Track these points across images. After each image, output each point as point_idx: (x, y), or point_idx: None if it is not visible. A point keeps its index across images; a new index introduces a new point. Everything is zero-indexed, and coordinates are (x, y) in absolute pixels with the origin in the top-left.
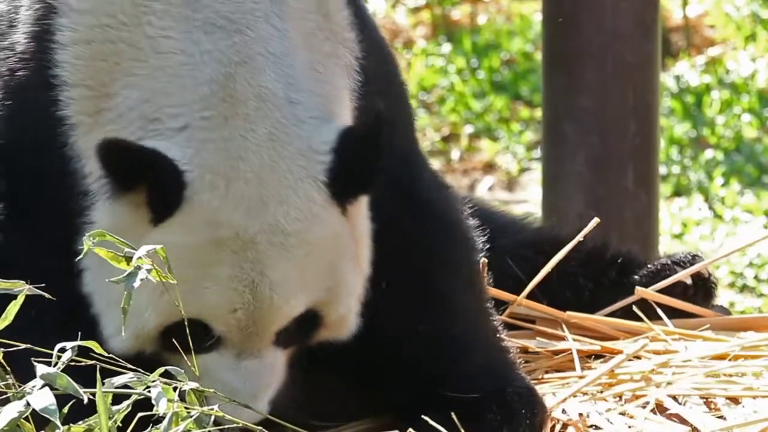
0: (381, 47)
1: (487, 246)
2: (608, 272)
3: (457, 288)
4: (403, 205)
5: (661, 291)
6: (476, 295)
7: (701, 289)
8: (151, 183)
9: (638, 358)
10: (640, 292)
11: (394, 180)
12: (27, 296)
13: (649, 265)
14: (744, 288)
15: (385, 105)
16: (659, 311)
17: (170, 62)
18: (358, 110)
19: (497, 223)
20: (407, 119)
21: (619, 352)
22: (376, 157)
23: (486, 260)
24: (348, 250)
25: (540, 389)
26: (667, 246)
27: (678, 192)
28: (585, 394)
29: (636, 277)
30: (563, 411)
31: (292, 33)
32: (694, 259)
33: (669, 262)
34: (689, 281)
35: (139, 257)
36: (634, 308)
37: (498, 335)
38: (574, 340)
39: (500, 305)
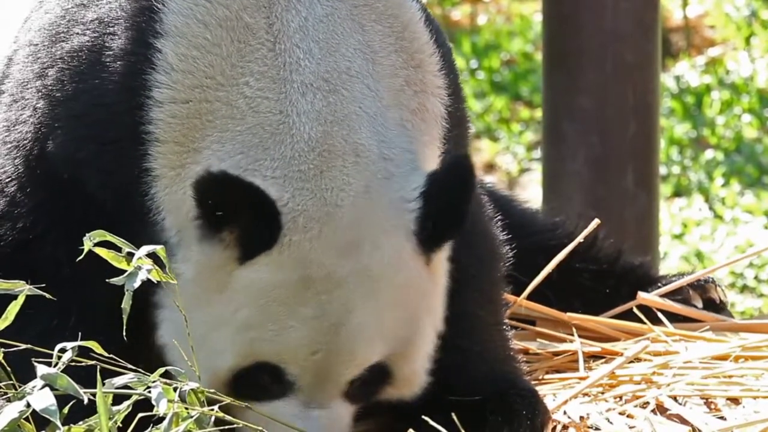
0: (458, 86)
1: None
2: (621, 288)
3: (474, 304)
4: None
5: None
6: (493, 309)
7: (711, 311)
8: (248, 219)
9: (639, 359)
10: (641, 297)
11: None
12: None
13: (660, 283)
14: (744, 288)
15: (458, 147)
16: (660, 315)
17: (268, 121)
18: (443, 155)
19: (513, 221)
20: (469, 147)
21: (620, 353)
22: (464, 203)
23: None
24: (426, 303)
25: (540, 390)
26: (667, 246)
27: (678, 192)
28: (586, 395)
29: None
30: (564, 412)
31: (383, 92)
32: (706, 282)
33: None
34: (700, 304)
35: (140, 257)
36: (635, 310)
37: (508, 347)
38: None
39: None
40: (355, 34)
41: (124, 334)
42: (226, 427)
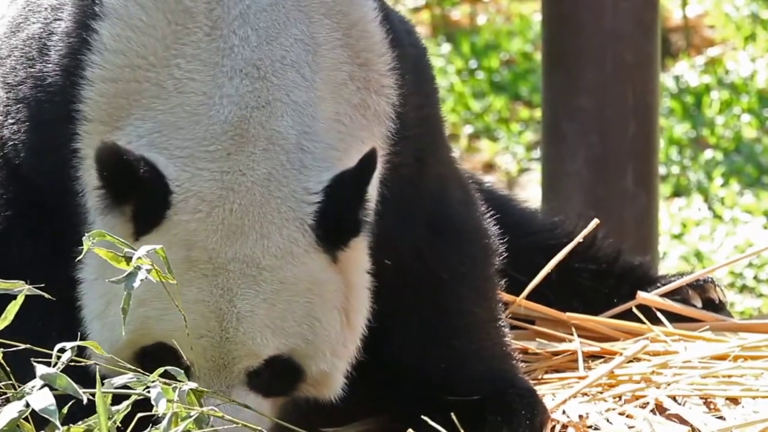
0: (421, 86)
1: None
2: (620, 288)
3: (469, 302)
4: (428, 232)
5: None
6: (488, 305)
7: (710, 311)
8: (139, 195)
9: (638, 359)
10: (640, 297)
11: (423, 212)
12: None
13: (659, 283)
14: (743, 288)
15: (422, 146)
16: (659, 315)
17: (189, 101)
18: (392, 155)
19: (512, 220)
20: (443, 147)
21: (619, 353)
22: (358, 202)
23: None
24: (334, 301)
25: (539, 390)
26: (666, 246)
27: (677, 192)
28: (585, 395)
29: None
30: (563, 412)
31: (320, 84)
32: (705, 282)
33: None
34: (699, 304)
35: (139, 257)
36: (635, 310)
37: (505, 344)
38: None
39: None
40: (299, 24)
41: (123, 331)
42: (226, 426)
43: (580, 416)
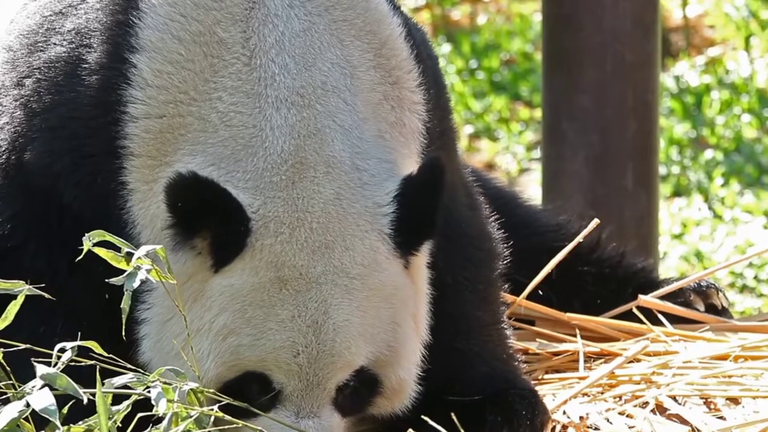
0: (440, 99)
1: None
2: (622, 292)
3: (471, 305)
4: (439, 238)
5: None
6: (490, 308)
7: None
8: (218, 224)
9: (638, 359)
10: (641, 299)
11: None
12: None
13: (662, 288)
14: (744, 288)
15: (440, 156)
16: (660, 316)
17: (241, 134)
18: None
19: (518, 220)
20: (455, 155)
21: (620, 353)
22: (436, 203)
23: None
24: (408, 307)
25: (540, 390)
26: (666, 246)
27: (678, 192)
28: (585, 395)
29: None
30: (564, 412)
31: (361, 106)
32: (708, 288)
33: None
34: (702, 309)
35: (139, 257)
36: (635, 311)
37: (507, 346)
38: (574, 341)
39: None
40: (333, 48)
41: (124, 331)
42: (226, 426)
43: (581, 416)
